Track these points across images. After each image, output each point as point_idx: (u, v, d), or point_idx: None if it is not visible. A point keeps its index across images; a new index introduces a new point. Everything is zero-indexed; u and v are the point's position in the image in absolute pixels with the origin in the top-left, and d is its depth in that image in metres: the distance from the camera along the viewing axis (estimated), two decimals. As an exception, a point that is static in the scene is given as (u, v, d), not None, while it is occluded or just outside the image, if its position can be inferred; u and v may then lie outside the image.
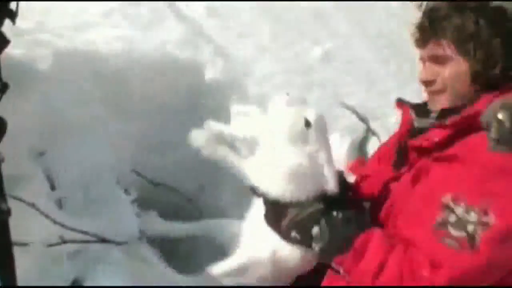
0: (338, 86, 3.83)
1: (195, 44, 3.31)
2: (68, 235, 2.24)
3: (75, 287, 2.26)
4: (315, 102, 3.31)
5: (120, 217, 2.50)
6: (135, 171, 2.94)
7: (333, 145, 3.10)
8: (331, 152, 2.07)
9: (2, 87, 1.72)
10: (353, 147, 3.33)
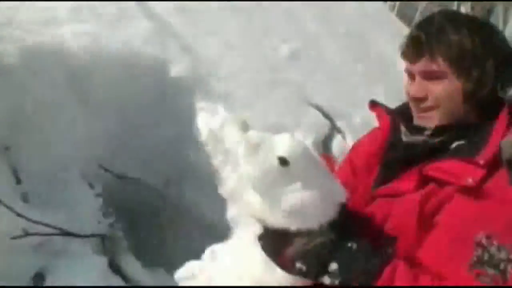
0: (304, 85, 3.81)
1: (162, 41, 3.32)
2: (32, 228, 2.26)
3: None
4: (280, 100, 3.34)
5: (84, 211, 2.54)
6: (101, 166, 2.96)
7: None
8: (324, 165, 1.78)
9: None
10: (317, 145, 3.34)
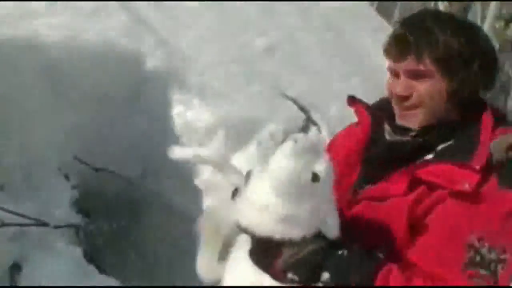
0: (280, 78, 3.84)
1: (137, 34, 3.32)
2: (8, 219, 2.28)
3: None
4: (256, 93, 3.36)
5: (60, 202, 2.56)
6: (77, 158, 2.97)
7: (272, 135, 3.20)
8: (333, 197, 1.85)
9: None
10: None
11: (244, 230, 1.78)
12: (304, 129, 3.58)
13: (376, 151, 2.09)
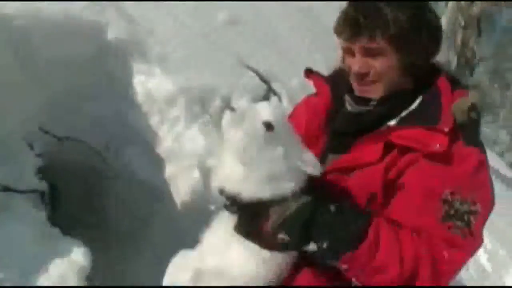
0: (242, 49, 3.89)
1: (100, 5, 3.31)
2: (-28, 184, 2.34)
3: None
4: (217, 63, 3.41)
5: (24, 169, 2.61)
6: (41, 128, 3.03)
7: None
8: (299, 139, 1.93)
9: None
10: None
11: (231, 199, 1.83)
12: (265, 99, 3.63)
13: (341, 122, 2.22)
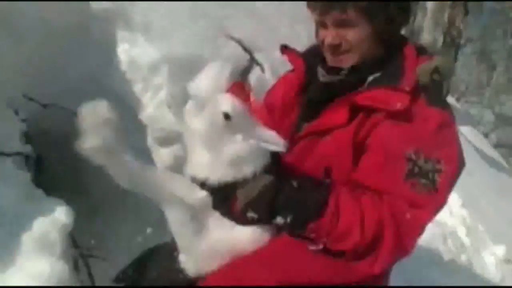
0: (226, 19, 3.92)
1: None
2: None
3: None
4: (200, 32, 3.44)
5: (8, 132, 2.65)
6: (25, 95, 3.06)
7: (214, 72, 3.29)
8: (258, 122, 1.99)
9: None
10: (234, 75, 3.43)
11: (201, 184, 1.95)
12: (247, 69, 3.68)
13: (313, 92, 2.34)
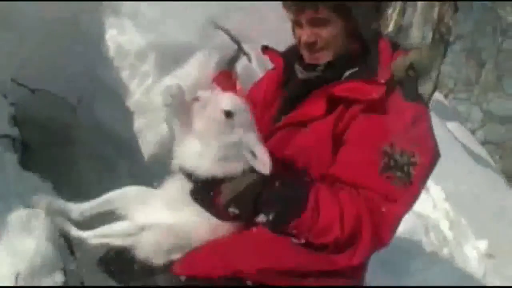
0: (213, 8, 3.93)
1: None
2: None
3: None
4: (189, 21, 3.44)
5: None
6: (14, 80, 3.09)
7: (201, 61, 3.32)
8: (256, 130, 2.08)
9: None
10: (221, 64, 3.45)
11: (188, 175, 2.01)
12: (234, 59, 3.70)
13: (292, 88, 2.41)
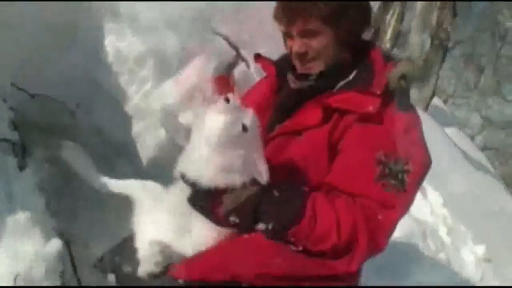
0: (212, 15, 3.95)
1: None
2: None
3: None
4: (188, 26, 3.47)
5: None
6: (14, 85, 3.08)
7: (200, 66, 3.33)
8: (261, 146, 2.10)
9: None
10: (219, 69, 3.47)
11: (190, 183, 2.01)
12: (233, 64, 3.73)
13: (285, 97, 2.43)
